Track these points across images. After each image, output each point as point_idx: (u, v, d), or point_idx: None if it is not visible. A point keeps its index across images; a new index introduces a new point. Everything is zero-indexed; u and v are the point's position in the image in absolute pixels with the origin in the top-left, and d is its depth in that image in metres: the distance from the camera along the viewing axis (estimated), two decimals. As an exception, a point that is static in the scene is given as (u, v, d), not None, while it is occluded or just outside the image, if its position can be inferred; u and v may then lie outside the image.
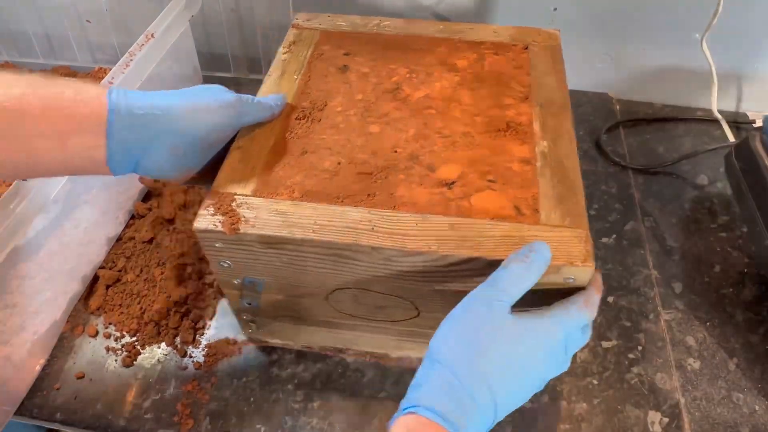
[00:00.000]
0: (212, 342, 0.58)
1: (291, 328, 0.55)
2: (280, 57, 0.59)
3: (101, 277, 0.62)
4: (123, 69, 0.61)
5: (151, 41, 0.66)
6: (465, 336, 0.36)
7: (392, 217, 0.44)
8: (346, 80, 0.56)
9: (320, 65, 0.58)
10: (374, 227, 0.43)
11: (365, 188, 0.46)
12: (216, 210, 0.44)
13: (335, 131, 0.51)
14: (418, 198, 0.45)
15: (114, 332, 0.59)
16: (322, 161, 0.48)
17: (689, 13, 0.75)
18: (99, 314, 0.60)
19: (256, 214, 0.44)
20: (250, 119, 0.49)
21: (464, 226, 0.43)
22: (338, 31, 0.62)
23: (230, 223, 0.43)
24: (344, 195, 0.45)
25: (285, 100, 0.52)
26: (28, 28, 0.85)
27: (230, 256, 0.46)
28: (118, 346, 0.58)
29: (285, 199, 0.45)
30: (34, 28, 0.86)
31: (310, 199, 0.45)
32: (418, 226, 0.43)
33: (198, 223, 0.43)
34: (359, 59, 0.58)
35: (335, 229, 0.43)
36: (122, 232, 0.67)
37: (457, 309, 0.38)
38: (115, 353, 0.58)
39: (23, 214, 0.49)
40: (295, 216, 0.44)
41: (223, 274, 0.48)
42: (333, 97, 0.54)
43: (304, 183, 0.46)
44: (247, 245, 0.44)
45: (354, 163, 0.48)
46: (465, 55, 0.59)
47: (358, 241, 0.42)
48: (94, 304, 0.60)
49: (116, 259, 0.64)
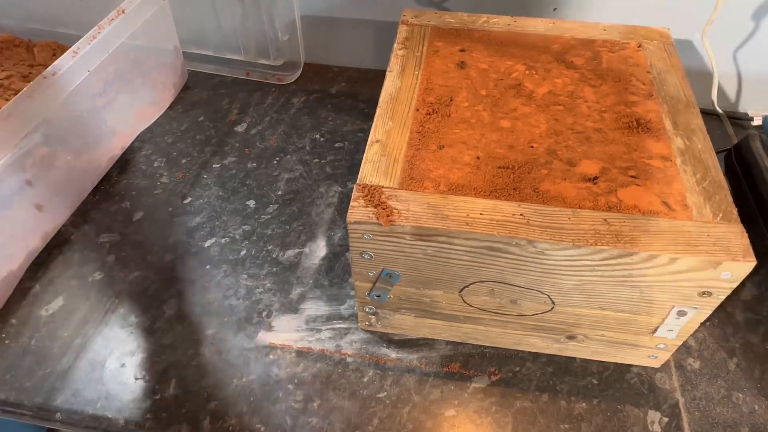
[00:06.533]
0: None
1: (411, 321, 0.56)
2: (397, 53, 0.59)
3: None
4: (89, 41, 0.64)
5: (122, 16, 0.68)
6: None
7: (544, 211, 0.44)
8: (467, 76, 0.57)
9: (437, 61, 0.58)
10: (529, 221, 0.43)
11: (509, 182, 0.46)
12: (367, 202, 0.45)
13: (467, 126, 0.51)
14: (565, 192, 0.45)
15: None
16: (461, 155, 0.49)
17: (689, 12, 0.75)
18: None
19: (408, 207, 0.44)
20: None
21: (618, 221, 0.43)
22: (448, 28, 0.63)
23: (386, 215, 0.43)
24: (489, 189, 0.46)
25: None
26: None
27: (374, 248, 0.46)
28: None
29: (432, 192, 0.46)
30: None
31: (456, 192, 0.45)
32: (570, 220, 0.43)
33: (351, 215, 0.44)
34: (476, 55, 0.59)
35: (489, 222, 0.43)
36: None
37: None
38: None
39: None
40: (446, 209, 0.44)
41: (361, 266, 0.49)
42: (457, 92, 0.55)
43: (448, 176, 0.47)
44: (397, 237, 0.45)
45: (493, 157, 0.48)
46: (579, 52, 0.59)
47: (515, 234, 0.42)
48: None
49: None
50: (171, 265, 0.64)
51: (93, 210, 0.70)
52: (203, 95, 0.86)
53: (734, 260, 0.41)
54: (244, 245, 0.66)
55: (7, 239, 0.60)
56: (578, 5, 0.78)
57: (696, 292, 0.44)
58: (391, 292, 0.51)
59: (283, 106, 0.84)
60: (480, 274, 0.47)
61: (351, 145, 0.78)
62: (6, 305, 0.60)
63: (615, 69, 0.57)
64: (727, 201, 0.45)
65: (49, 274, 0.63)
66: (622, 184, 0.46)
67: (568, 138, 0.50)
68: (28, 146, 0.59)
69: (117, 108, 0.73)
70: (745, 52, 0.78)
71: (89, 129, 0.69)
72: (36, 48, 0.87)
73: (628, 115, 0.52)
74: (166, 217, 0.69)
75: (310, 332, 0.58)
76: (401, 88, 0.55)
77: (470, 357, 0.56)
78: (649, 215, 0.44)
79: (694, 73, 0.79)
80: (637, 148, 0.49)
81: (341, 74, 0.91)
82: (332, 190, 0.72)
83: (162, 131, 0.80)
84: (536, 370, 0.55)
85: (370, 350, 0.57)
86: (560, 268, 0.44)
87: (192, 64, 0.90)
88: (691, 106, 0.53)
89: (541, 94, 0.54)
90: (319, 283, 0.62)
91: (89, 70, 0.65)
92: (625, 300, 0.46)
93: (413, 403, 0.53)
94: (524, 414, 0.52)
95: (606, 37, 0.62)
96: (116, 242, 0.66)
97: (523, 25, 0.63)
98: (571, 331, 0.52)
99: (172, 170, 0.75)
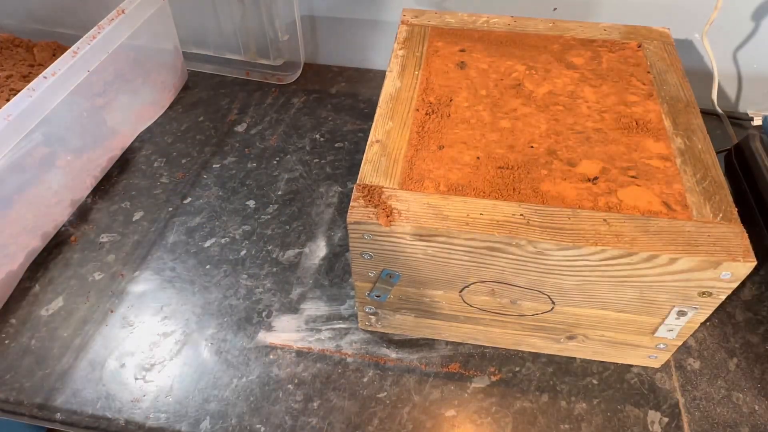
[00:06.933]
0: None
1: (411, 322, 0.56)
2: (397, 53, 0.59)
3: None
4: (89, 41, 0.65)
5: (122, 16, 0.68)
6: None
7: (544, 211, 0.44)
8: (467, 76, 0.57)
9: (437, 61, 0.58)
10: (529, 221, 0.43)
11: (509, 182, 0.46)
12: (367, 202, 0.45)
13: (467, 126, 0.51)
14: (565, 193, 0.45)
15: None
16: (461, 156, 0.48)
17: (689, 12, 0.75)
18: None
19: (408, 207, 0.44)
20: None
21: (617, 221, 0.43)
22: (448, 28, 0.63)
23: (386, 215, 0.43)
24: (490, 189, 0.46)
25: None
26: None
27: (374, 249, 0.46)
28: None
29: (432, 192, 0.46)
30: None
31: (456, 192, 0.45)
32: (570, 220, 0.43)
33: (351, 216, 0.44)
34: (476, 55, 0.59)
35: (489, 222, 0.43)
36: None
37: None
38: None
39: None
40: (446, 209, 0.44)
41: (361, 266, 0.49)
42: (457, 92, 0.55)
43: (447, 176, 0.47)
44: (397, 237, 0.45)
45: (493, 157, 0.48)
46: (579, 52, 0.59)
47: (515, 235, 0.42)
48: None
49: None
50: (171, 265, 0.64)
51: (93, 210, 0.70)
52: (203, 95, 0.86)
53: (734, 260, 0.41)
54: (244, 245, 0.66)
55: (7, 239, 0.60)
56: (578, 5, 0.78)
57: (696, 292, 0.44)
58: (391, 292, 0.51)
59: (283, 106, 0.84)
60: (480, 274, 0.47)
61: (351, 145, 0.78)
62: (6, 305, 0.60)
63: (615, 69, 0.57)
64: (727, 201, 0.45)
65: (49, 274, 0.63)
66: (622, 185, 0.46)
67: (568, 138, 0.50)
68: (28, 146, 0.59)
69: (117, 108, 0.73)
70: (745, 52, 0.78)
71: (89, 129, 0.69)
72: (36, 48, 0.87)
73: (628, 115, 0.52)
74: (166, 217, 0.69)
75: (310, 332, 0.58)
76: (401, 88, 0.55)
77: (470, 357, 0.56)
78: (649, 215, 0.44)
79: (694, 73, 0.79)
80: (637, 148, 0.49)
81: (341, 74, 0.91)
82: (332, 190, 0.72)
83: (162, 131, 0.80)
84: (536, 370, 0.55)
85: (370, 350, 0.57)
86: (560, 269, 0.44)
87: (192, 64, 0.90)
88: (691, 106, 0.53)
89: (541, 94, 0.54)
90: (319, 283, 0.62)
91: (89, 70, 0.65)
92: (625, 300, 0.46)
93: (413, 404, 0.53)
94: (524, 414, 0.52)
95: (606, 37, 0.62)
96: (116, 242, 0.66)
97: (523, 25, 0.63)
98: (571, 332, 0.52)
99: (172, 170, 0.75)
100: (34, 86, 0.59)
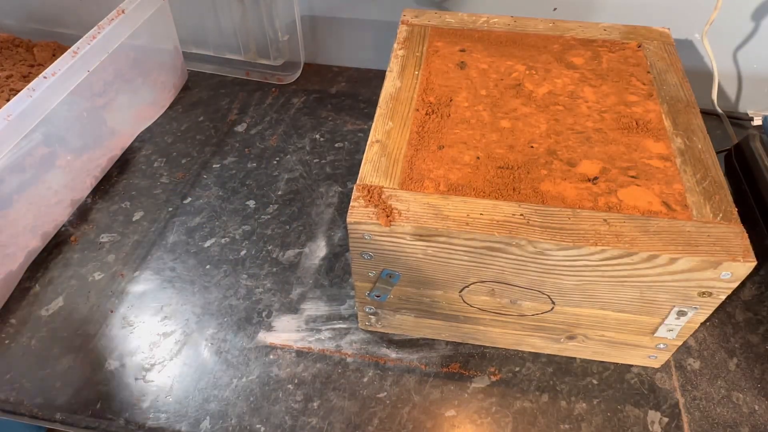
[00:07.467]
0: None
1: (411, 322, 0.56)
2: (397, 53, 0.59)
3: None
4: (89, 41, 0.65)
5: (122, 16, 0.69)
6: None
7: (544, 211, 0.44)
8: (467, 76, 0.57)
9: (437, 61, 0.58)
10: (529, 221, 0.43)
11: (509, 182, 0.46)
12: (367, 202, 0.45)
13: (467, 126, 0.51)
14: (565, 193, 0.45)
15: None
16: (461, 155, 0.48)
17: (689, 12, 0.75)
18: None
19: (408, 207, 0.44)
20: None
21: (618, 221, 0.43)
22: (448, 28, 0.63)
23: (385, 215, 0.43)
24: (489, 189, 0.46)
25: None
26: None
27: (374, 248, 0.46)
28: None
29: (432, 192, 0.46)
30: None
31: (456, 192, 0.45)
32: (570, 220, 0.43)
33: (351, 216, 0.44)
34: (476, 55, 0.59)
35: (489, 222, 0.43)
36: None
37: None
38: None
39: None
40: (446, 209, 0.44)
41: (361, 266, 0.49)
42: (457, 92, 0.55)
43: (447, 176, 0.47)
44: (398, 237, 0.45)
45: (492, 157, 0.48)
46: (579, 52, 0.59)
47: (515, 234, 0.42)
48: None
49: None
50: (171, 265, 0.64)
51: (93, 210, 0.70)
52: (203, 95, 0.86)
53: (734, 260, 0.41)
54: (244, 245, 0.66)
55: (7, 239, 0.60)
56: (578, 5, 0.78)
57: (696, 292, 0.44)
58: (391, 292, 0.51)
59: (283, 106, 0.84)
60: (480, 274, 0.47)
61: (351, 145, 0.78)
62: (6, 305, 0.60)
63: (615, 69, 0.57)
64: (727, 201, 0.45)
65: (49, 274, 0.63)
66: (622, 185, 0.46)
67: (568, 138, 0.50)
68: (28, 146, 0.59)
69: (117, 108, 0.73)
70: (745, 52, 0.78)
71: (89, 129, 0.69)
72: (36, 48, 0.87)
73: (628, 115, 0.52)
74: (166, 217, 0.69)
75: (310, 332, 0.58)
76: (401, 88, 0.55)
77: (470, 357, 0.56)
78: (649, 215, 0.44)
79: (694, 73, 0.79)
80: (637, 148, 0.49)
81: (341, 74, 0.91)
82: (332, 190, 0.72)
83: (162, 131, 0.80)
84: (536, 370, 0.55)
85: (370, 350, 0.57)
86: (560, 269, 0.44)
87: (192, 64, 0.90)
88: (691, 106, 0.53)
89: (541, 94, 0.54)
90: (319, 283, 0.62)
91: (89, 70, 0.65)
92: (625, 300, 0.46)
93: (413, 404, 0.53)
94: (524, 414, 0.52)
95: (606, 37, 0.62)
96: (116, 242, 0.66)
97: (523, 25, 0.63)
98: (571, 332, 0.52)
99: (172, 170, 0.75)
100: (34, 86, 0.59)
